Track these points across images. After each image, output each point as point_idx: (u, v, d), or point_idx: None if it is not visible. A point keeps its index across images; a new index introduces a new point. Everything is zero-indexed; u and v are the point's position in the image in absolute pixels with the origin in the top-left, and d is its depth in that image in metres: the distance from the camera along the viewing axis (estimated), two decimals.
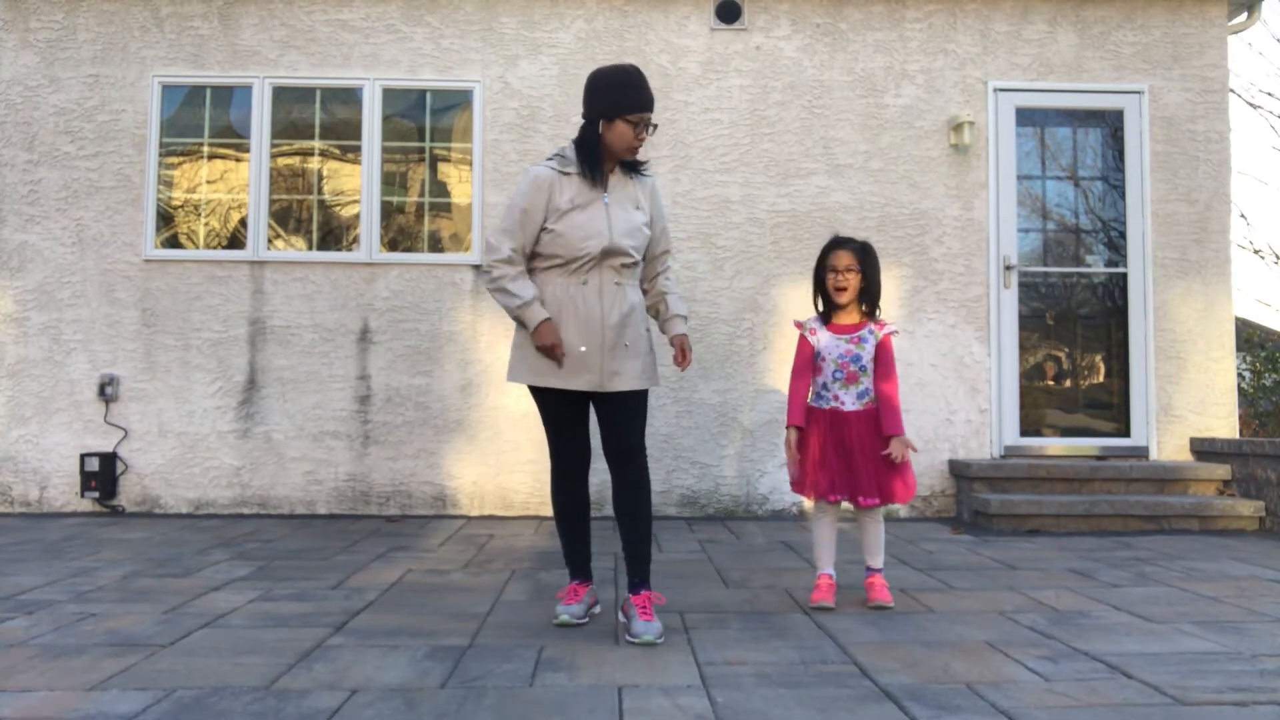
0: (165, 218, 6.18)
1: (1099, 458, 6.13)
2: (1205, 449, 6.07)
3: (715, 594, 3.74)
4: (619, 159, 3.17)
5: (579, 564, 3.31)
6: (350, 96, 6.23)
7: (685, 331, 3.30)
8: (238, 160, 6.21)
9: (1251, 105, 16.59)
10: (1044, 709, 2.37)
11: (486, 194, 6.16)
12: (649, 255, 3.29)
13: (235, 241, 6.17)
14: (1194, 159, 6.33)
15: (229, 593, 3.70)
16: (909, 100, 6.30)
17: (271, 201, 6.18)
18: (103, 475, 5.90)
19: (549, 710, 2.35)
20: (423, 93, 6.25)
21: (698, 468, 6.10)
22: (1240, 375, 9.17)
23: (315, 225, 6.22)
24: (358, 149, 6.20)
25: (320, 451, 6.05)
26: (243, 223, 6.17)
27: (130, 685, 2.53)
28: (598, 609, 3.37)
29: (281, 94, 6.22)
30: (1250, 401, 9.25)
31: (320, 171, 6.23)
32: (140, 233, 6.10)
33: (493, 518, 5.97)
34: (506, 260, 3.10)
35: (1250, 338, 9.76)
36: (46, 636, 3.02)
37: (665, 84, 6.21)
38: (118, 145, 6.14)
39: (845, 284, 3.53)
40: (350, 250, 6.17)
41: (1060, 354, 6.34)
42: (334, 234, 6.22)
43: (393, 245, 6.20)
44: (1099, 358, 6.34)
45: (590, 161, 3.12)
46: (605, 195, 3.14)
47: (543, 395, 3.18)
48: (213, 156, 6.22)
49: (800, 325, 3.68)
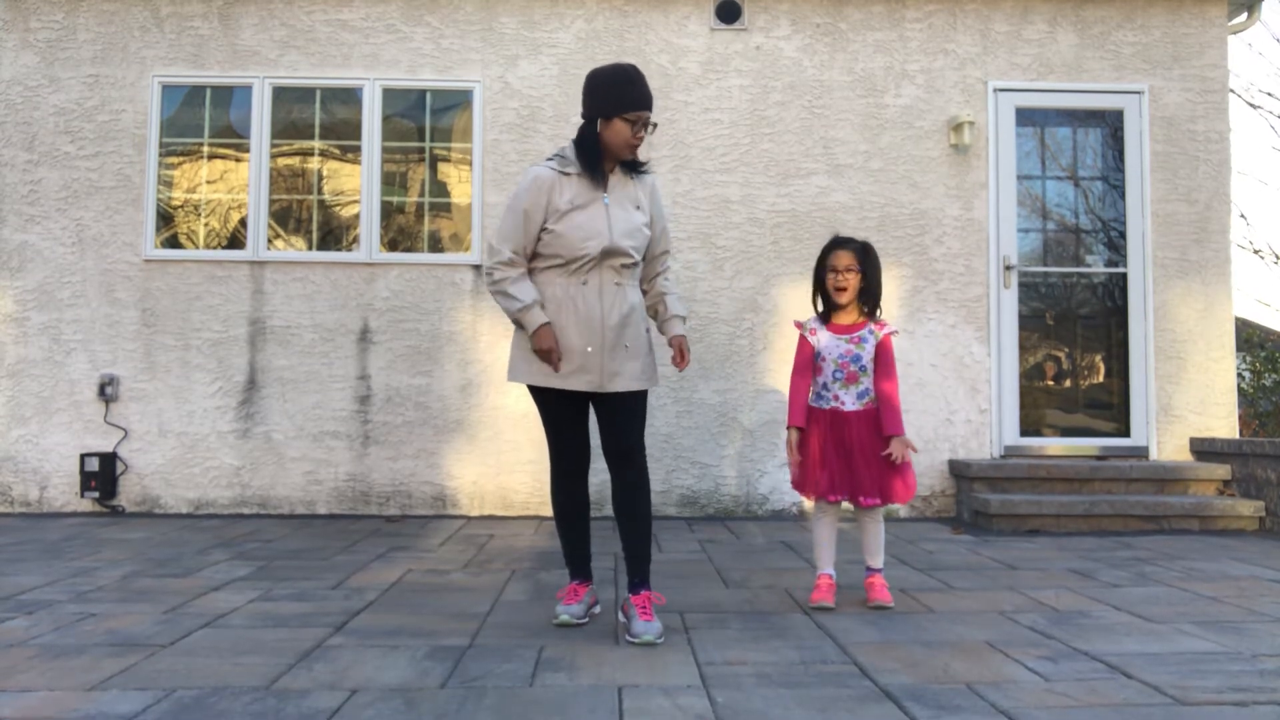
0: (165, 218, 6.18)
1: (1099, 458, 6.13)
2: (1205, 449, 6.07)
3: (715, 594, 3.74)
4: (619, 158, 3.16)
5: (579, 564, 3.31)
6: (350, 96, 6.23)
7: (684, 332, 3.29)
8: (238, 160, 6.21)
9: (1251, 105, 16.57)
10: (1044, 709, 2.37)
11: (486, 194, 6.16)
12: (648, 255, 3.28)
13: (235, 241, 6.18)
14: (1194, 159, 6.33)
15: (229, 593, 3.70)
16: (909, 100, 6.30)
17: (271, 201, 6.18)
18: (103, 475, 5.90)
19: (549, 710, 2.35)
20: (423, 93, 6.25)
21: (698, 468, 6.10)
22: (1240, 375, 9.17)
23: (315, 225, 6.22)
24: (358, 149, 6.21)
25: (320, 451, 6.05)
26: (243, 223, 6.17)
27: (130, 685, 2.53)
28: (598, 609, 3.37)
29: (281, 94, 6.22)
30: (1250, 401, 9.25)
31: (320, 171, 6.23)
32: (140, 233, 6.11)
33: (493, 518, 5.97)
34: (508, 263, 3.10)
35: (1250, 338, 9.76)
36: (46, 636, 3.02)
37: (665, 84, 6.21)
38: (118, 145, 6.14)
39: (845, 284, 3.53)
40: (350, 250, 6.17)
41: (1060, 354, 6.34)
42: (334, 234, 6.22)
43: (393, 245, 6.20)
44: (1099, 358, 6.34)
45: (590, 161, 3.10)
46: (605, 195, 3.13)
47: (542, 395, 3.18)
48: (213, 156, 6.22)
49: (800, 325, 3.68)
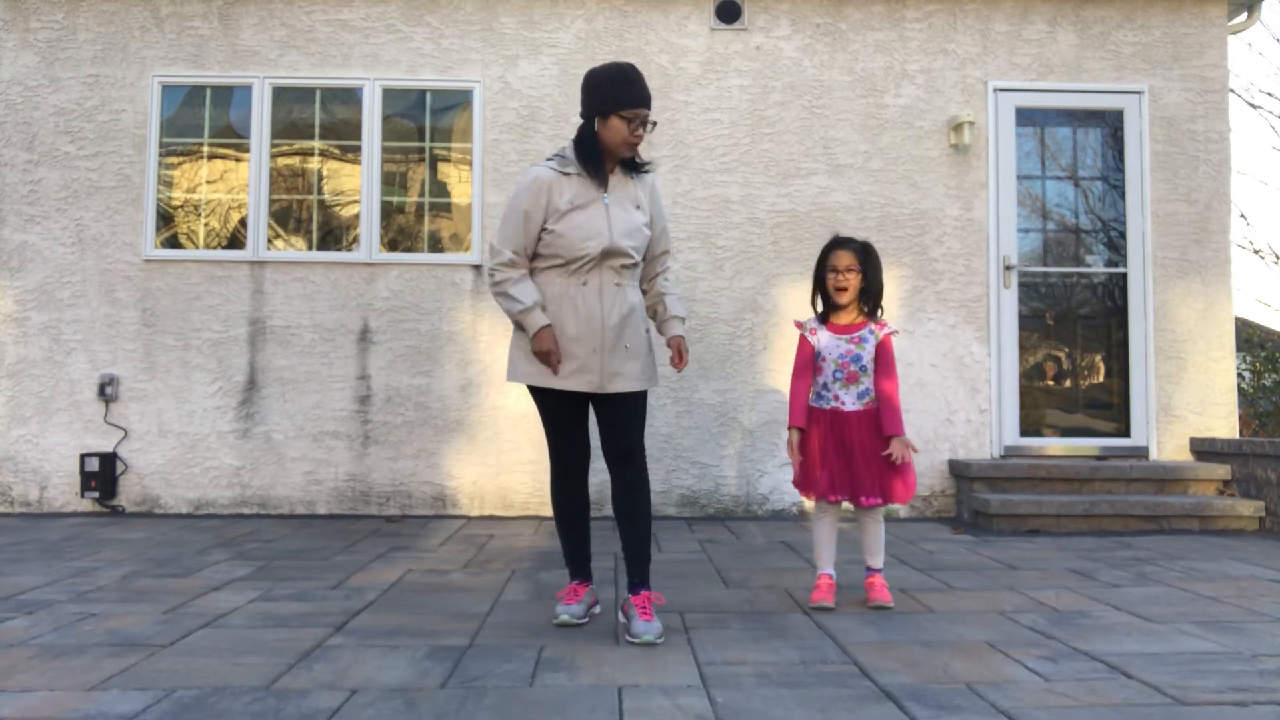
0: (165, 218, 6.18)
1: (1099, 458, 6.13)
2: (1205, 449, 6.07)
3: (715, 594, 3.74)
4: (619, 157, 3.15)
5: (579, 564, 3.30)
6: (350, 96, 6.23)
7: (683, 333, 3.28)
8: (238, 160, 6.21)
9: (1251, 105, 16.59)
10: (1044, 709, 2.37)
11: (486, 194, 6.16)
12: (648, 255, 3.27)
13: (235, 241, 6.18)
14: (1194, 159, 6.33)
15: (229, 593, 3.70)
16: (909, 100, 6.30)
17: (271, 201, 6.18)
18: (103, 475, 5.90)
19: (549, 710, 2.35)
20: (423, 93, 6.25)
21: (698, 468, 6.10)
22: (1240, 375, 9.17)
23: (315, 225, 6.22)
24: (358, 149, 6.20)
25: (320, 451, 6.05)
26: (243, 223, 6.17)
27: (130, 685, 2.53)
28: (598, 609, 3.37)
29: (281, 94, 6.22)
30: (1250, 401, 9.25)
31: (320, 171, 6.23)
32: (140, 233, 6.11)
33: (493, 518, 5.97)
34: (509, 264, 3.10)
35: (1250, 338, 9.76)
36: (46, 636, 3.02)
37: (665, 84, 6.21)
38: (118, 145, 6.14)
39: (845, 284, 3.53)
40: (350, 250, 6.17)
41: (1060, 354, 6.34)
42: (334, 234, 6.22)
43: (393, 245, 6.20)
44: (1099, 358, 6.34)
45: (590, 160, 3.10)
46: (605, 196, 3.12)
47: (542, 395, 3.18)
48: (213, 156, 6.22)
49: (800, 325, 3.68)
